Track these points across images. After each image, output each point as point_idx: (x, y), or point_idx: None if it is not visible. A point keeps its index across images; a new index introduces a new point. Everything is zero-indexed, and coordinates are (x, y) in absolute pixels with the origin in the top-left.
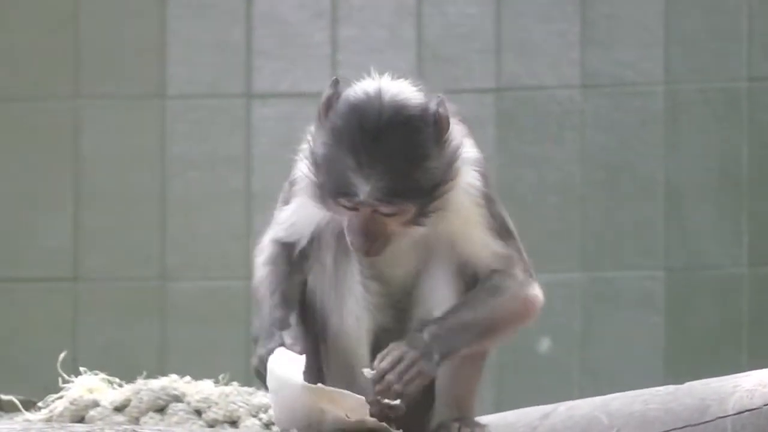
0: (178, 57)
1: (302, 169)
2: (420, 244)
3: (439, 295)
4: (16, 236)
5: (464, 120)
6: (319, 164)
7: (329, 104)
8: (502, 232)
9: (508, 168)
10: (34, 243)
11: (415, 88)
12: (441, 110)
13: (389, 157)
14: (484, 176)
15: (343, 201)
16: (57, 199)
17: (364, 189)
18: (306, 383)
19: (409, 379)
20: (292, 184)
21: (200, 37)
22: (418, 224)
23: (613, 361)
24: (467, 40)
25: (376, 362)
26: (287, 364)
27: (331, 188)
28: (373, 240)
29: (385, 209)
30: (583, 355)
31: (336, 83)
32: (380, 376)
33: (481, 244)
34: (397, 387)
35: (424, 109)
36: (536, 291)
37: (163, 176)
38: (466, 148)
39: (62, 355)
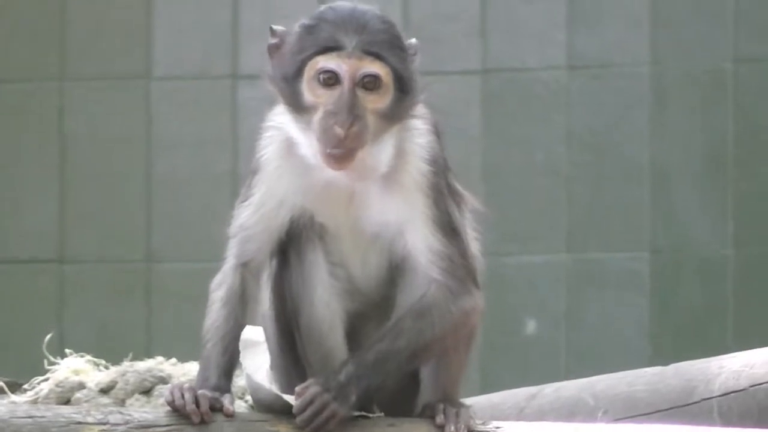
0: (164, 38)
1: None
2: (371, 235)
3: (402, 282)
4: (1, 217)
5: (437, 114)
6: (289, 53)
7: (279, 44)
8: (446, 228)
9: (494, 149)
10: (19, 224)
11: None
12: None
13: (373, 21)
14: (437, 166)
15: (325, 62)
16: (42, 180)
17: (351, 40)
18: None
19: (321, 422)
20: (254, 171)
21: (186, 18)
22: (393, 118)
23: (599, 342)
24: (453, 21)
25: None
26: (258, 366)
27: (315, 46)
28: (353, 120)
29: (370, 68)
30: (569, 335)
31: (272, 30)
32: (300, 411)
33: (421, 237)
34: (313, 426)
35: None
36: (473, 301)
37: (149, 158)
38: (419, 136)
39: (48, 337)
